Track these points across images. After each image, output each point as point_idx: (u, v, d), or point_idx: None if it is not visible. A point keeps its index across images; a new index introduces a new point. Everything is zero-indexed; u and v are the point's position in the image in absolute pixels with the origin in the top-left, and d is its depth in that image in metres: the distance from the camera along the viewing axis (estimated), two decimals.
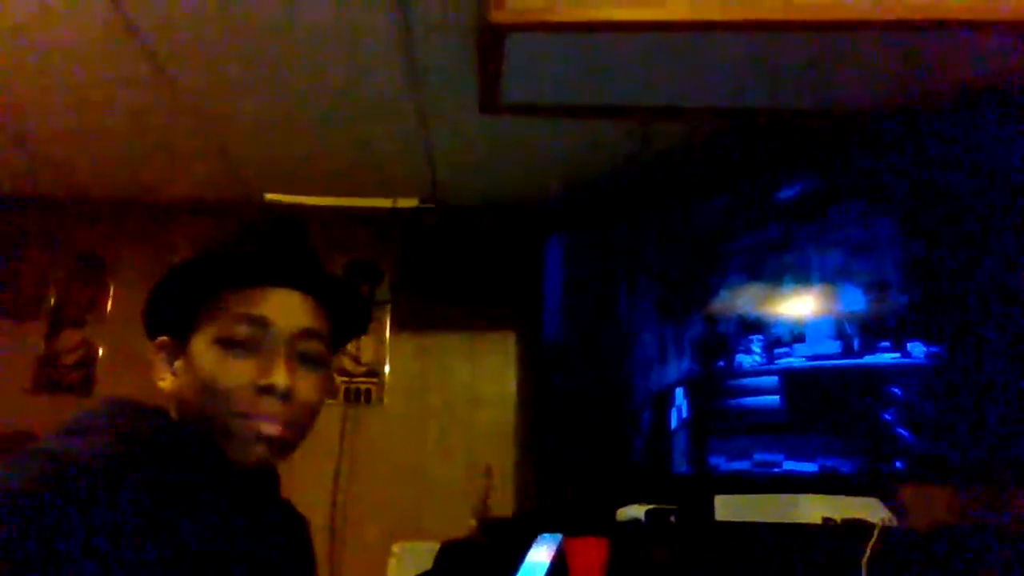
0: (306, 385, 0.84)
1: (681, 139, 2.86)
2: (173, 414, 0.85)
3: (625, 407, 2.94)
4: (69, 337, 3.49)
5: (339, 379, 3.48)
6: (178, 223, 3.59)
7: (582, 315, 3.21)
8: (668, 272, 2.97)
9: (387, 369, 3.51)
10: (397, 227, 3.65)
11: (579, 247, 3.28)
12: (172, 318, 0.85)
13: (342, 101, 2.74)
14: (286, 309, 0.84)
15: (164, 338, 0.86)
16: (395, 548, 2.87)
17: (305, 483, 3.29)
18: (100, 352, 3.47)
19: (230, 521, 0.80)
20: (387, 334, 3.57)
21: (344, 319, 0.92)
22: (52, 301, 3.54)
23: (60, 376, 3.42)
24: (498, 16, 2.02)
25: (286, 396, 0.81)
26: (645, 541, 2.35)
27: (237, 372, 0.80)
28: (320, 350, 0.87)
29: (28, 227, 3.64)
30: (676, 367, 2.86)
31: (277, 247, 0.87)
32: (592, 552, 2.28)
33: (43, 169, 3.38)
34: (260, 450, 0.81)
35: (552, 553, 2.27)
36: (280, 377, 0.80)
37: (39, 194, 3.62)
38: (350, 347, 3.54)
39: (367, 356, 3.54)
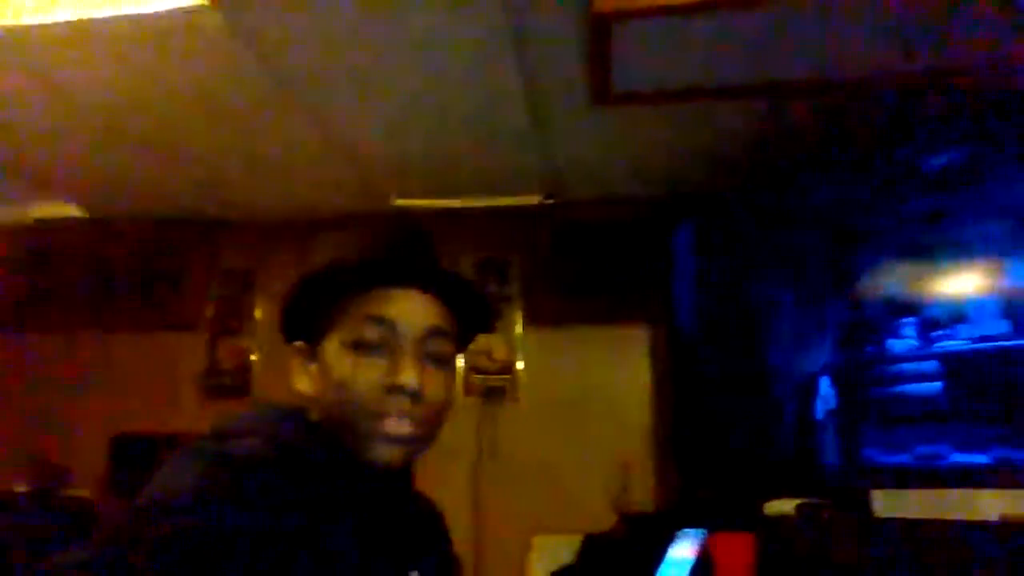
0: (434, 383, 0.85)
1: (810, 115, 2.70)
2: (313, 415, 0.87)
3: (766, 397, 2.81)
4: (227, 346, 3.78)
5: (474, 377, 3.56)
6: (316, 237, 3.78)
7: (716, 304, 3.10)
8: (805, 254, 2.82)
9: (520, 365, 3.55)
10: (523, 224, 3.68)
11: (708, 234, 3.17)
12: (306, 324, 0.88)
13: (458, 103, 2.78)
14: (412, 310, 0.85)
15: (300, 343, 0.90)
16: (535, 542, 2.90)
17: (445, 480, 3.41)
18: (253, 358, 3.73)
19: (368, 519, 0.83)
20: (519, 330, 3.61)
21: (468, 317, 0.93)
22: (211, 314, 3.85)
23: (221, 382, 3.72)
24: (603, 5, 1.99)
25: (415, 395, 0.82)
26: (795, 537, 2.25)
27: (367, 373, 0.82)
28: (447, 349, 0.88)
29: (188, 247, 3.97)
30: (819, 354, 2.72)
31: (400, 250, 0.89)
32: (738, 548, 2.20)
33: (200, 193, 3.67)
34: (392, 449, 0.82)
35: (696, 549, 2.21)
36: (409, 377, 0.82)
37: (197, 217, 3.92)
38: (483, 344, 3.60)
39: (500, 353, 3.59)
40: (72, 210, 3.89)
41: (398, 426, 0.82)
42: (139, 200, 3.80)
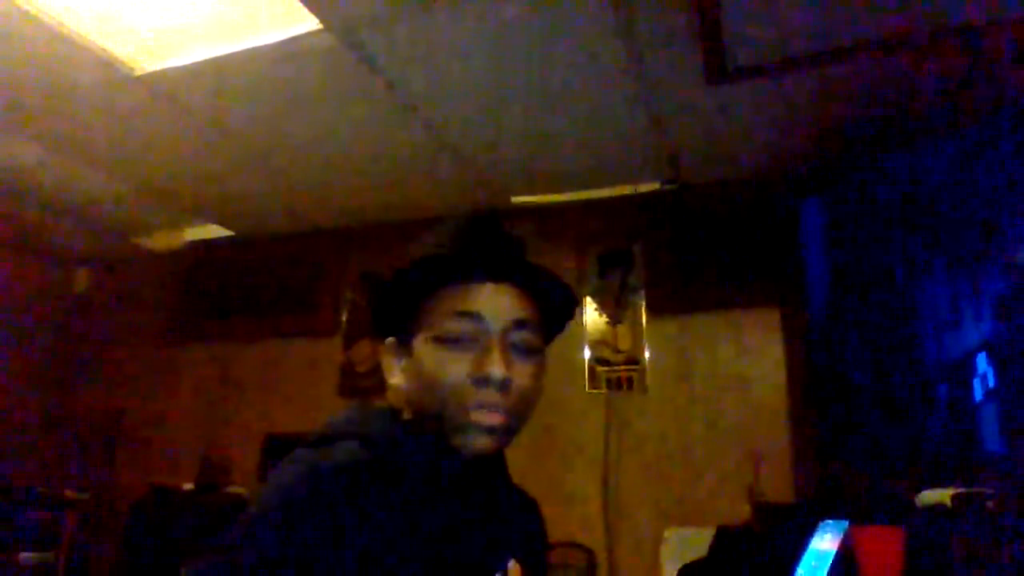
0: (522, 374, 0.86)
1: (951, 67, 2.46)
2: (405, 410, 0.90)
3: (913, 379, 2.60)
4: (361, 348, 3.98)
5: (600, 369, 3.54)
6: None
7: (851, 281, 2.90)
8: (953, 220, 2.57)
9: (647, 355, 3.49)
10: (643, 213, 3.62)
11: (838, 207, 2.97)
12: (397, 320, 0.91)
13: (569, 97, 2.77)
14: (496, 303, 0.86)
15: (391, 339, 0.92)
16: (667, 534, 2.84)
17: (576, 473, 3.44)
18: None
19: (463, 509, 0.85)
20: (643, 320, 3.54)
21: (553, 308, 0.93)
22: (345, 318, 4.06)
23: (357, 382, 3.92)
24: None
25: (503, 386, 0.83)
26: (951, 531, 2.06)
27: (455, 366, 0.84)
28: (532, 339, 0.88)
29: (321, 256, 4.21)
30: (975, 329, 2.48)
31: (482, 244, 0.90)
32: (885, 542, 2.05)
33: (327, 205, 3.88)
34: (483, 439, 0.84)
35: (838, 542, 2.09)
36: (496, 368, 0.83)
37: (328, 226, 4.16)
38: (608, 336, 3.57)
39: (625, 344, 3.54)
40: (219, 231, 4.25)
41: (487, 416, 0.83)
42: (276, 217, 4.08)
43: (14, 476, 4.05)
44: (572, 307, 0.95)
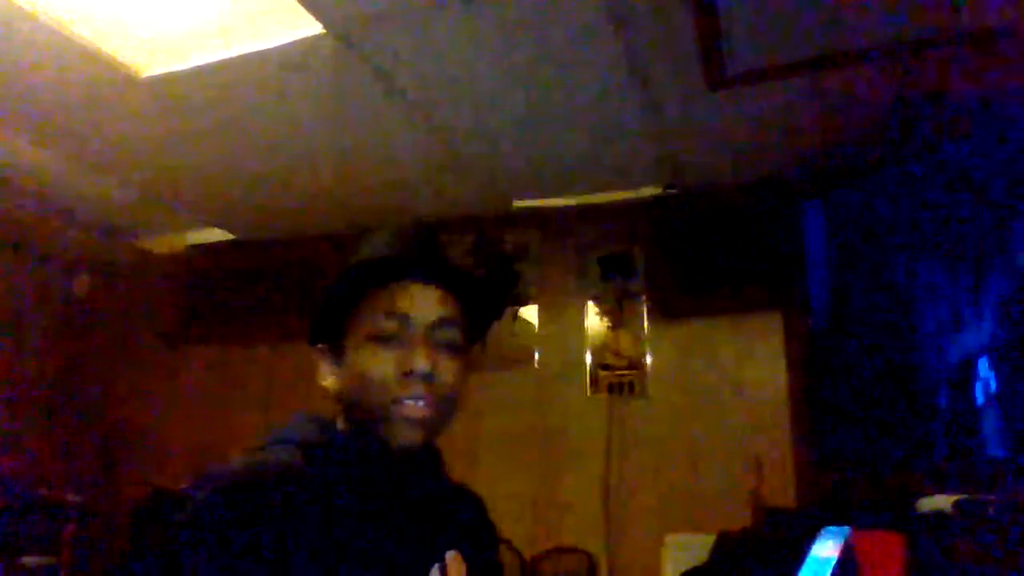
0: (446, 369, 0.91)
1: (953, 72, 2.46)
2: (337, 415, 0.96)
3: (916, 383, 2.59)
4: None
5: (602, 373, 3.53)
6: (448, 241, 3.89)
7: (853, 285, 2.90)
8: (956, 222, 2.57)
9: (648, 360, 3.48)
10: (645, 217, 3.62)
11: (840, 211, 2.97)
12: (330, 326, 0.96)
13: (570, 103, 2.78)
14: (422, 302, 0.92)
15: (322, 345, 0.97)
16: (668, 539, 2.83)
17: (576, 477, 3.43)
18: None
19: (394, 507, 0.90)
20: (645, 325, 3.54)
21: (476, 308, 0.98)
22: None
23: None
24: None
25: (428, 378, 0.88)
26: (954, 537, 2.05)
27: (385, 362, 0.89)
28: (456, 337, 0.93)
29: (322, 260, 4.19)
30: (977, 333, 2.47)
31: (408, 248, 0.96)
32: (886, 548, 2.04)
33: (333, 209, 3.88)
34: (409, 432, 0.88)
35: (839, 548, 2.08)
36: (421, 362, 0.88)
37: (329, 230, 4.14)
38: (610, 340, 3.57)
39: (627, 349, 3.54)
40: (222, 234, 4.25)
41: (414, 408, 0.88)
42: (279, 221, 4.08)
43: (15, 480, 4.05)
44: (495, 308, 1.03)
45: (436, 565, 0.78)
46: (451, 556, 0.78)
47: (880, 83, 2.52)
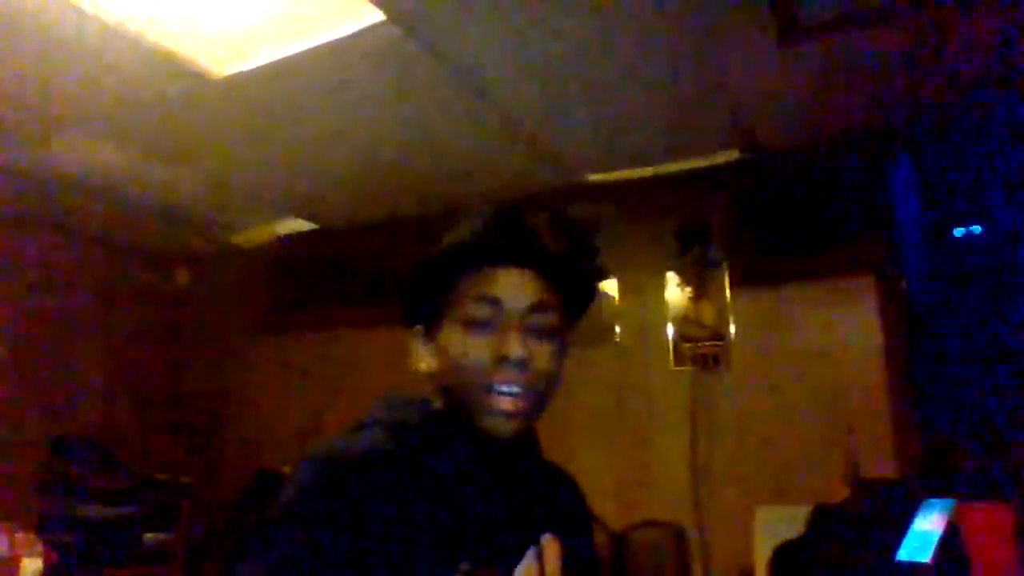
0: (541, 355, 0.89)
1: None
2: (434, 397, 0.95)
3: (1020, 345, 2.43)
4: None
5: (684, 346, 3.47)
6: None
7: (951, 241, 2.73)
8: None
9: (732, 330, 3.40)
10: (721, 184, 3.51)
11: (931, 165, 2.79)
12: (423, 308, 0.95)
13: (638, 71, 2.71)
14: (516, 287, 0.90)
15: (418, 327, 0.96)
16: (758, 512, 2.77)
17: (663, 452, 3.39)
18: None
19: (489, 489, 0.89)
20: (727, 294, 3.45)
21: (572, 292, 0.96)
22: None
23: None
24: None
25: (522, 365, 0.87)
26: None
27: (478, 348, 0.88)
28: (551, 322, 0.92)
29: (403, 245, 4.27)
30: None
31: (501, 231, 0.94)
32: (994, 520, 1.94)
33: (403, 194, 3.94)
34: (504, 418, 0.87)
35: (943, 521, 1.99)
36: (515, 348, 0.87)
37: (409, 215, 4.21)
38: (691, 312, 3.50)
39: (709, 319, 3.46)
40: (304, 224, 4.39)
41: (508, 394, 0.87)
42: (358, 208, 4.18)
43: (132, 463, 4.34)
44: (591, 291, 1.00)
45: (531, 548, 0.77)
46: (547, 539, 0.77)
47: (973, 24, 2.33)
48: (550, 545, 0.76)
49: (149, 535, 4.02)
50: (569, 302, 0.96)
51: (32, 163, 3.61)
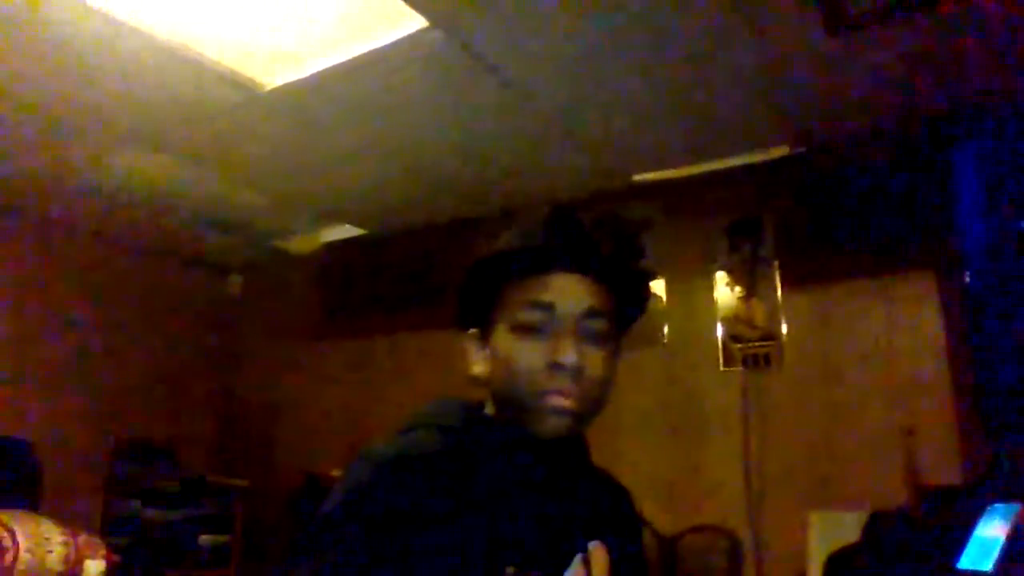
0: (594, 361, 0.88)
1: None
2: (487, 400, 0.95)
3: None
4: None
5: (734, 346, 3.40)
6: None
7: (1015, 237, 2.61)
8: None
9: (784, 330, 3.31)
10: (772, 180, 3.42)
11: (995, 156, 2.67)
12: (476, 313, 0.95)
13: (682, 63, 2.66)
14: (569, 293, 0.89)
15: (473, 330, 0.96)
16: (813, 518, 2.69)
17: (715, 456, 3.32)
18: None
19: (539, 494, 0.89)
20: (778, 293, 3.37)
21: (626, 297, 0.95)
22: None
23: None
24: None
25: (576, 372, 0.86)
26: None
27: (531, 354, 0.87)
28: (604, 328, 0.91)
29: (450, 248, 4.30)
30: None
31: (555, 236, 0.93)
32: None
33: (447, 198, 3.96)
34: (557, 423, 0.86)
35: (1008, 527, 1.90)
36: (569, 355, 0.86)
37: (456, 217, 4.22)
38: (742, 312, 3.43)
39: (760, 319, 3.39)
40: (352, 230, 4.45)
41: (560, 401, 0.86)
42: (405, 213, 4.21)
43: (190, 467, 4.46)
44: (645, 296, 0.98)
45: (579, 555, 0.77)
46: (594, 546, 0.77)
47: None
48: (597, 552, 0.76)
49: (205, 537, 4.12)
50: (621, 307, 0.95)
51: (88, 177, 3.75)
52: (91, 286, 4.48)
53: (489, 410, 0.94)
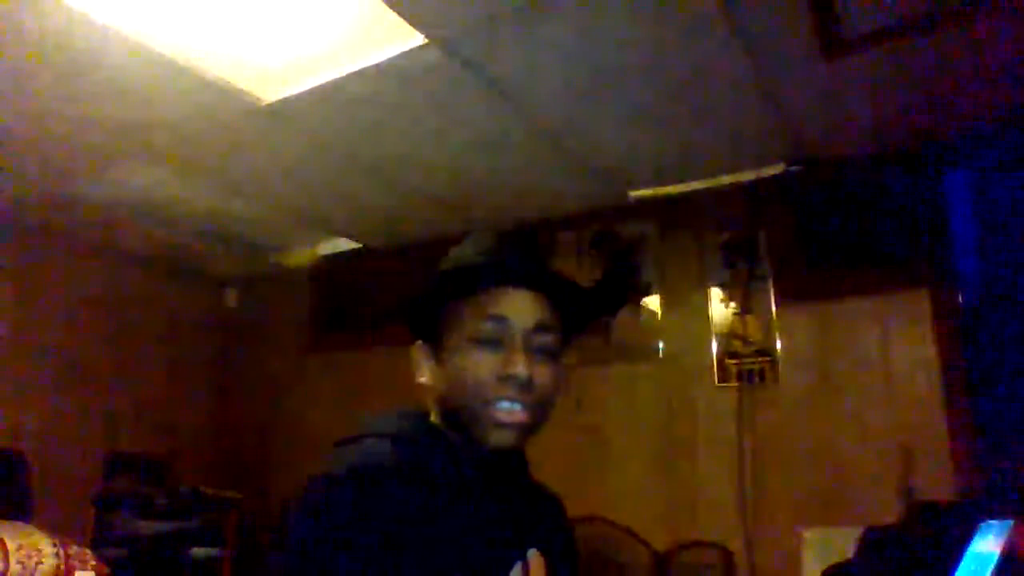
0: (542, 374, 0.92)
1: None
2: (432, 410, 0.98)
3: None
4: None
5: (729, 362, 3.41)
6: (558, 239, 3.90)
7: (1007, 258, 2.64)
8: None
9: (779, 346, 3.33)
10: (767, 198, 3.45)
11: (987, 177, 2.70)
12: (429, 323, 0.99)
13: (683, 88, 2.70)
14: (522, 307, 0.93)
15: (421, 342, 1.01)
16: (807, 535, 2.69)
17: (709, 471, 3.32)
18: None
19: (483, 503, 0.91)
20: (773, 310, 3.38)
21: (573, 313, 0.99)
22: None
23: None
24: None
25: (526, 384, 0.89)
26: None
27: (483, 365, 0.91)
28: (552, 342, 0.95)
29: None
30: None
31: (509, 254, 0.98)
32: None
33: (447, 214, 3.97)
34: (504, 434, 0.90)
35: (1001, 543, 1.90)
36: (520, 367, 0.89)
37: (452, 234, 4.24)
38: (737, 328, 3.44)
39: (755, 335, 3.40)
40: (348, 244, 4.45)
41: (510, 411, 0.89)
42: (402, 227, 4.23)
43: (182, 479, 4.44)
44: (589, 313, 1.03)
45: (518, 562, 0.80)
46: (532, 554, 0.80)
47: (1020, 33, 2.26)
48: (535, 560, 0.81)
49: (197, 550, 4.09)
50: (568, 324, 0.98)
51: (88, 191, 3.76)
52: (86, 298, 4.47)
53: (434, 419, 0.97)
